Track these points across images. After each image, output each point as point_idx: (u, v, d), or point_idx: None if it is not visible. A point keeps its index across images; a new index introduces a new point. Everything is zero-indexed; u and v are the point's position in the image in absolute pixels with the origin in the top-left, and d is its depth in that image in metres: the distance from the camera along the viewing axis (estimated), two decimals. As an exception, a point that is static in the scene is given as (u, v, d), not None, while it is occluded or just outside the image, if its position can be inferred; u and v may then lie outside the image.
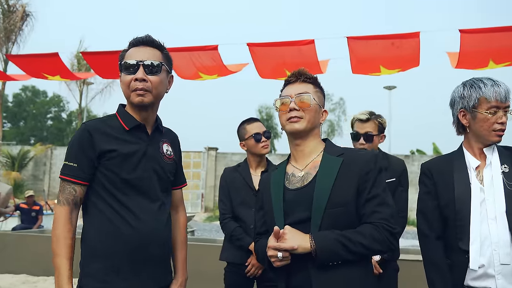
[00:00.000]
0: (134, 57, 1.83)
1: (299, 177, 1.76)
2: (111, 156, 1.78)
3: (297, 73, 1.83)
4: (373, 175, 1.69)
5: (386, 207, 1.67)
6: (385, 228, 1.63)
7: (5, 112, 42.87)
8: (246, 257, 2.91)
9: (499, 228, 1.90)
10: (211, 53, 5.82)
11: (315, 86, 1.83)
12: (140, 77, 1.79)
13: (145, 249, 1.79)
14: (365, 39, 5.28)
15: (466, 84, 2.10)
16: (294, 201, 1.71)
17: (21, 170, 25.86)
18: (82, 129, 1.82)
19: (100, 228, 1.77)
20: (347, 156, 1.74)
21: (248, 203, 2.99)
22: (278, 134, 40.13)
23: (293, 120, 1.76)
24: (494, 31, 4.79)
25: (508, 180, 1.96)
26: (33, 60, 6.57)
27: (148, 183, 1.84)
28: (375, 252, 1.64)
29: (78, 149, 1.79)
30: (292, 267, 1.65)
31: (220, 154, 25.25)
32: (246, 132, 3.06)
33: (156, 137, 1.94)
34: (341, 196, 1.65)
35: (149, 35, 1.90)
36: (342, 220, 1.64)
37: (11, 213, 10.14)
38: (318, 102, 1.81)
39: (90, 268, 1.77)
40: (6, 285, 5.72)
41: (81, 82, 28.35)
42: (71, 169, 1.77)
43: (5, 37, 20.30)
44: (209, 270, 4.12)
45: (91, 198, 1.81)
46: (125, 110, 1.91)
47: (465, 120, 2.07)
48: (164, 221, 1.88)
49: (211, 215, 21.55)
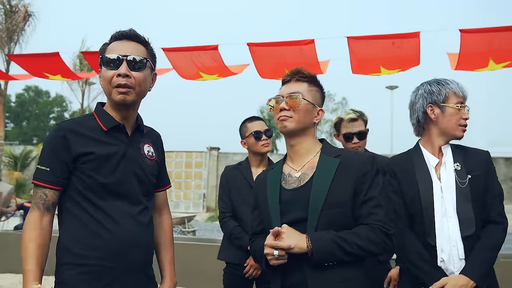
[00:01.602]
0: (116, 51, 1.71)
1: (296, 177, 1.76)
2: (88, 159, 1.68)
3: (292, 72, 1.83)
4: (370, 176, 1.69)
5: (382, 210, 1.68)
6: (381, 230, 1.64)
7: (7, 112, 42.94)
8: (245, 257, 2.87)
9: (456, 224, 2.00)
10: (211, 53, 5.81)
11: (311, 85, 1.82)
12: (123, 72, 1.68)
13: (125, 255, 1.69)
14: (365, 39, 5.27)
15: (431, 82, 2.17)
16: (291, 201, 1.71)
17: (24, 170, 25.91)
18: (56, 130, 1.71)
19: (75, 234, 1.67)
20: (344, 157, 1.74)
21: (249, 202, 2.91)
22: (279, 134, 40.10)
23: (282, 119, 1.77)
24: (495, 30, 4.77)
25: (460, 178, 2.04)
26: (34, 60, 6.59)
27: (128, 187, 1.74)
28: (370, 253, 1.64)
29: (51, 152, 1.68)
30: (289, 266, 1.65)
31: (222, 154, 25.25)
32: (247, 130, 3.03)
33: (137, 138, 1.84)
34: (337, 197, 1.65)
35: (133, 29, 1.78)
36: (338, 221, 1.65)
37: (12, 213, 10.18)
38: (312, 101, 1.79)
39: (64, 276, 1.67)
40: (7, 284, 5.73)
41: (83, 82, 28.37)
42: (43, 174, 1.68)
43: (7, 38, 20.31)
44: (210, 270, 4.12)
45: (66, 203, 1.72)
46: (104, 109, 1.80)
47: (434, 115, 2.13)
48: (145, 225, 1.78)
49: (213, 215, 21.55)
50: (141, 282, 1.78)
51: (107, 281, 1.67)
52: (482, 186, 2.04)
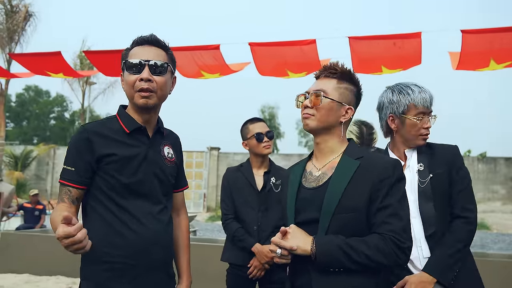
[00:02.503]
0: (139, 56, 1.77)
1: (315, 176, 1.72)
2: (111, 160, 1.74)
3: (323, 68, 1.76)
4: (388, 183, 1.59)
5: (398, 220, 1.56)
6: (392, 241, 1.53)
7: (8, 111, 42.97)
8: (248, 258, 2.88)
9: (420, 224, 2.03)
10: (213, 53, 5.82)
11: (341, 81, 1.74)
12: (145, 77, 1.74)
13: (147, 253, 1.75)
14: (367, 39, 5.28)
15: (394, 90, 2.19)
16: (307, 200, 1.67)
17: (24, 170, 25.95)
18: (80, 132, 1.78)
19: (100, 232, 1.72)
20: (365, 160, 1.65)
21: (250, 204, 2.97)
22: (280, 134, 40.14)
23: (304, 117, 1.72)
24: (496, 31, 4.78)
25: (421, 178, 2.08)
26: (35, 59, 6.60)
27: (149, 187, 1.80)
28: (379, 264, 1.54)
29: (75, 153, 1.75)
30: (298, 267, 1.64)
31: (222, 154, 25.27)
32: (248, 132, 3.04)
33: (157, 140, 1.89)
34: (351, 201, 1.58)
35: (154, 34, 1.85)
36: (351, 227, 1.58)
37: (13, 213, 10.19)
38: (338, 99, 1.71)
39: (90, 272, 1.75)
40: (9, 284, 5.74)
41: (84, 82, 28.38)
42: (68, 173, 1.75)
43: (8, 38, 20.32)
44: (212, 270, 4.13)
45: (90, 202, 1.78)
46: (126, 112, 1.86)
47: (394, 125, 2.18)
48: (165, 224, 1.84)
49: (213, 215, 21.59)
50: (161, 280, 1.83)
51: (129, 278, 1.73)
52: (446, 183, 2.05)
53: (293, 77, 5.95)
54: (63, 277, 6.11)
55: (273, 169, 3.08)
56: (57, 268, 6.19)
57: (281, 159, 24.33)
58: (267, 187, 2.99)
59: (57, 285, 5.79)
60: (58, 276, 6.14)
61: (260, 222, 2.93)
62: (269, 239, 2.92)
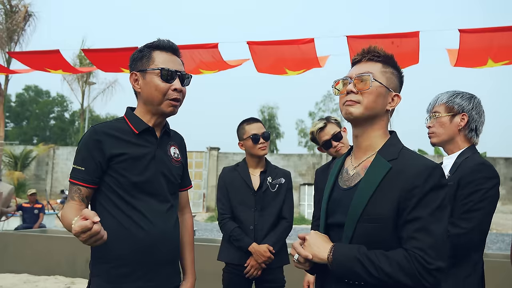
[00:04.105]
0: (171, 65, 1.85)
1: (350, 175, 1.56)
2: (121, 159, 1.79)
3: (364, 51, 1.58)
4: (419, 192, 1.37)
5: (427, 235, 1.35)
6: (417, 260, 1.33)
7: (8, 111, 43.03)
8: (245, 257, 2.88)
9: None
10: (211, 51, 5.83)
11: (386, 65, 1.55)
12: (179, 87, 1.84)
13: (156, 251, 1.80)
14: (365, 38, 5.27)
15: None
16: (338, 202, 1.55)
17: (24, 170, 25.95)
18: (90, 133, 1.82)
19: (110, 229, 1.70)
20: (399, 162, 1.44)
21: (247, 203, 2.97)
22: (280, 134, 40.06)
23: (348, 104, 1.51)
24: (493, 31, 4.79)
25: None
26: (35, 57, 6.62)
27: (157, 186, 1.85)
28: (400, 283, 1.35)
29: (85, 153, 1.80)
30: (323, 275, 1.57)
31: (221, 154, 25.28)
32: (244, 132, 3.03)
33: (165, 140, 1.95)
34: (377, 209, 1.41)
35: (172, 41, 1.92)
36: (376, 238, 1.41)
37: (12, 213, 10.19)
38: (386, 84, 1.52)
39: (100, 269, 1.78)
40: (7, 284, 5.74)
41: (84, 82, 28.41)
42: (78, 173, 1.79)
43: (7, 38, 20.34)
44: (210, 270, 4.12)
45: (100, 200, 1.82)
46: (134, 114, 1.91)
47: None
48: (173, 222, 1.89)
49: (213, 215, 21.57)
50: (169, 276, 1.88)
51: (139, 275, 1.78)
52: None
53: (291, 74, 5.95)
54: (61, 277, 6.12)
55: (269, 168, 3.08)
56: (55, 268, 6.20)
57: (280, 159, 24.36)
58: (264, 187, 2.98)
59: (55, 285, 5.79)
60: (57, 276, 6.14)
61: (257, 221, 2.93)
62: (265, 238, 2.93)
